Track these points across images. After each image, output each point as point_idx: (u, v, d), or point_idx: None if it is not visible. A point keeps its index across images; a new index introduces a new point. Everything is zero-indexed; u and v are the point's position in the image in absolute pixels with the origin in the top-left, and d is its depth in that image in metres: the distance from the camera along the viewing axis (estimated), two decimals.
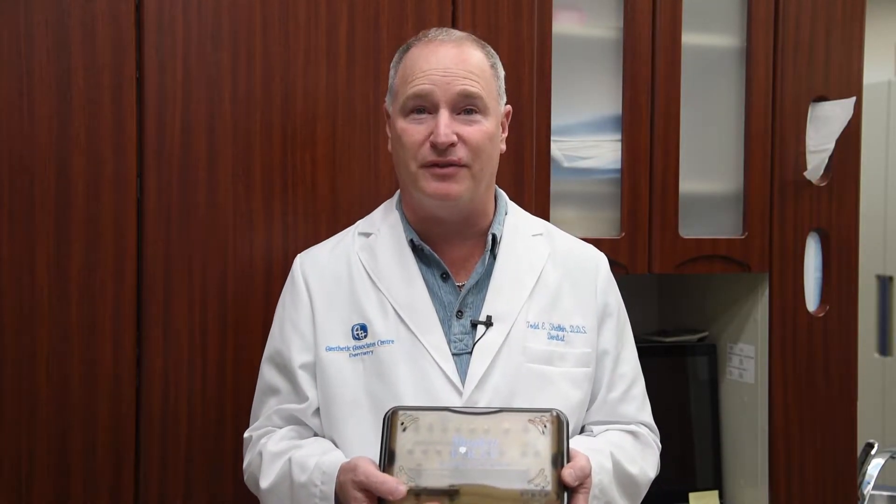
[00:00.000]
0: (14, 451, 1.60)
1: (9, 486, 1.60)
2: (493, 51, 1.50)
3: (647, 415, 1.56)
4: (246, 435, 1.54)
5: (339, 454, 1.40)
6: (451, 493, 1.21)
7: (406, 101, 1.43)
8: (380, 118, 1.77)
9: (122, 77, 1.64)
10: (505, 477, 1.21)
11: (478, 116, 1.42)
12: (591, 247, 1.61)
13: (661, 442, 1.59)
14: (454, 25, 1.83)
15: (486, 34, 1.84)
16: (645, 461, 1.50)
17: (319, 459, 1.38)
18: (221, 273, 1.71)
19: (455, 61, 1.42)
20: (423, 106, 1.42)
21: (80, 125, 1.62)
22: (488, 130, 1.43)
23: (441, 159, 1.40)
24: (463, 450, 1.23)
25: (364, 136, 1.78)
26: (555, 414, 1.26)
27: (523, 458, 1.23)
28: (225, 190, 1.71)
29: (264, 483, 1.44)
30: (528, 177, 1.89)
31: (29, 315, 1.61)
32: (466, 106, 1.41)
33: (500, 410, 1.28)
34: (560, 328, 1.49)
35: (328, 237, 1.66)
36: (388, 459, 1.25)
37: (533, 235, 1.56)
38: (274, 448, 1.46)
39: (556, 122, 1.95)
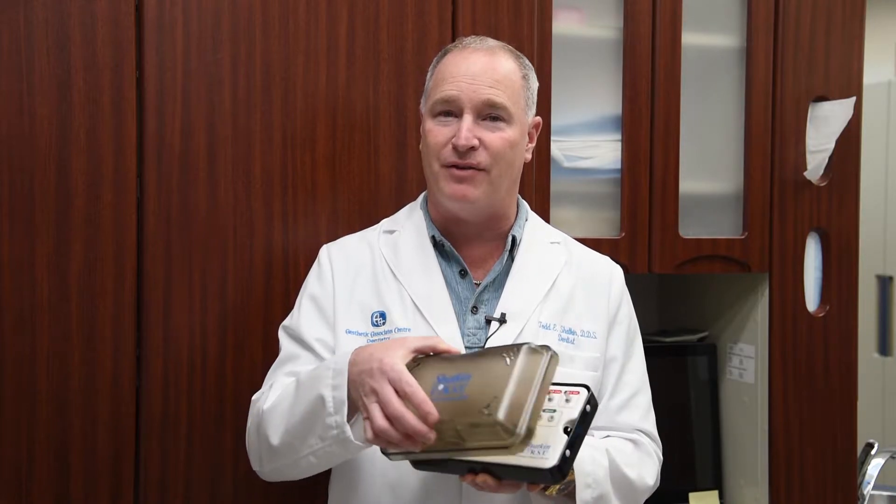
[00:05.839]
0: (14, 451, 1.60)
1: (9, 486, 1.60)
2: (528, 62, 1.54)
3: (650, 424, 1.56)
4: (255, 396, 1.52)
5: None
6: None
7: (434, 105, 1.48)
8: (380, 118, 1.78)
9: (122, 77, 1.64)
10: (470, 410, 1.22)
11: (501, 124, 1.46)
12: (607, 258, 1.64)
13: (661, 442, 1.58)
14: (454, 25, 1.84)
15: (486, 34, 1.84)
16: (643, 468, 1.49)
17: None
18: (221, 273, 1.71)
19: (484, 69, 1.46)
20: (450, 110, 1.46)
21: (80, 125, 1.62)
22: (510, 138, 1.46)
23: (461, 161, 1.45)
24: (441, 387, 1.25)
25: (364, 136, 1.78)
26: (531, 347, 1.24)
27: (488, 390, 1.22)
28: (225, 190, 1.70)
29: (267, 405, 1.42)
30: (528, 177, 1.89)
31: (29, 315, 1.60)
32: (491, 114, 1.45)
33: (486, 349, 1.28)
34: (571, 331, 1.51)
35: (328, 237, 1.69)
36: None
37: (551, 243, 1.59)
38: (287, 380, 1.45)
39: (556, 122, 1.95)
